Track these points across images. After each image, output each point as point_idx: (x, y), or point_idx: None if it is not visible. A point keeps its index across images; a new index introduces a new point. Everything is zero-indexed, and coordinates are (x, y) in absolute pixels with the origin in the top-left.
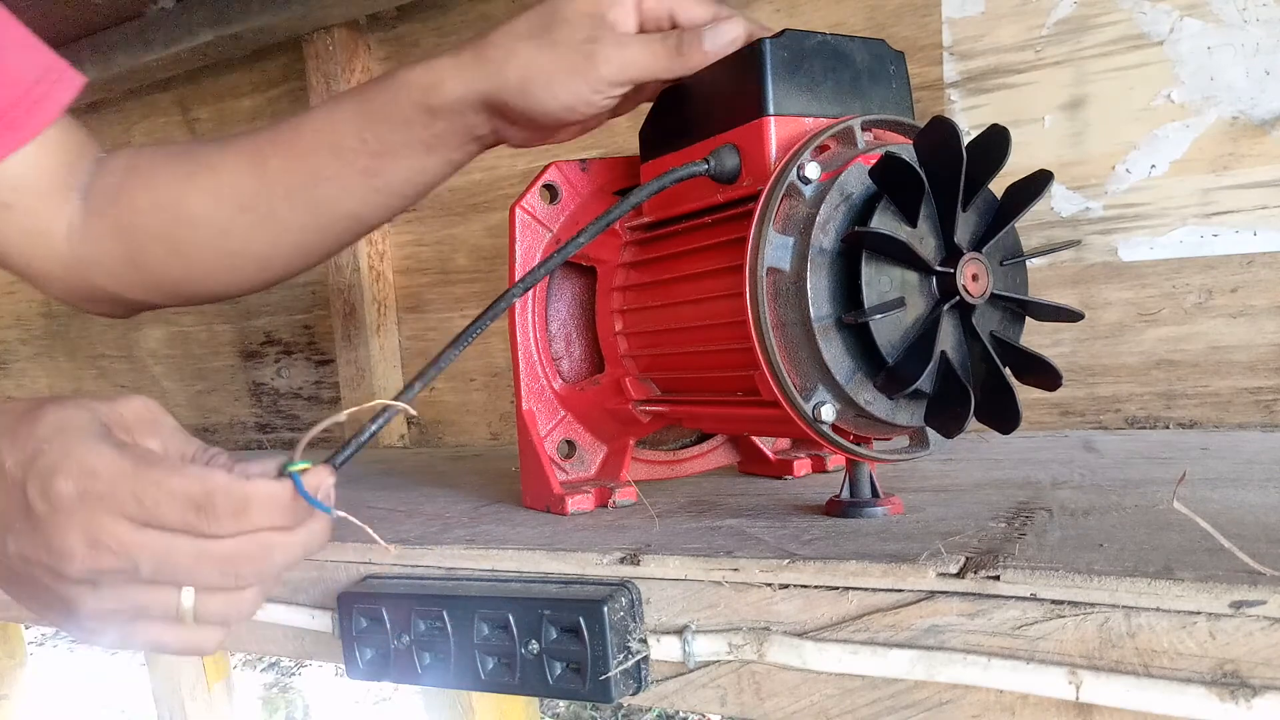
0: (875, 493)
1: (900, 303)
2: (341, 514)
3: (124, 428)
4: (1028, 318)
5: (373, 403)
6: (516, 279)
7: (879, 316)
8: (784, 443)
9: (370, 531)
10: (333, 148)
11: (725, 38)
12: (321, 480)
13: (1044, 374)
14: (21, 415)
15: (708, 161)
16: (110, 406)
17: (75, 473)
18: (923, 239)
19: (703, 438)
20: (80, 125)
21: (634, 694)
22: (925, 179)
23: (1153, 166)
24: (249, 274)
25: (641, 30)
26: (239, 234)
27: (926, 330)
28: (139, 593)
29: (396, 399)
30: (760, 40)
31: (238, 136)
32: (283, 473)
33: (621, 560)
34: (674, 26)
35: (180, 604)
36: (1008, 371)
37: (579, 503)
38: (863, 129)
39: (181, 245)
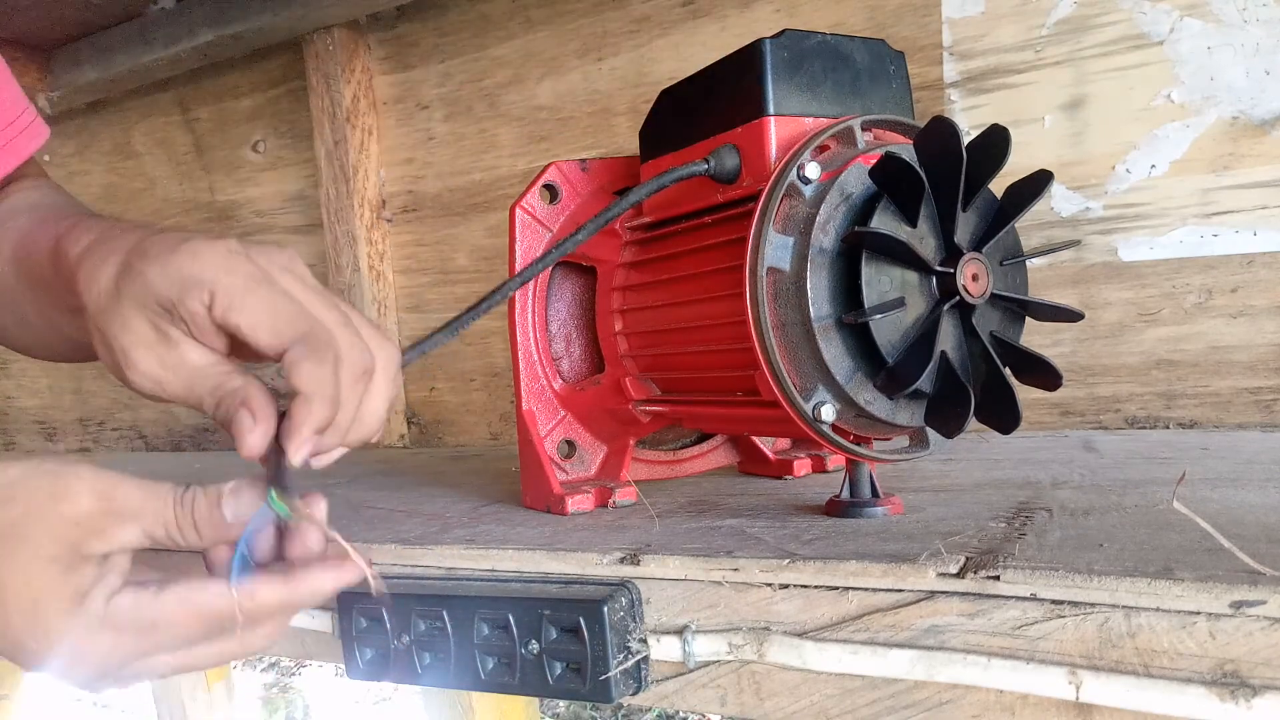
0: (875, 493)
1: (900, 303)
2: (350, 547)
3: (90, 534)
4: (1028, 318)
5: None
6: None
7: (879, 316)
8: (784, 443)
9: (371, 577)
10: (52, 301)
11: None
12: (317, 506)
13: (1044, 374)
14: None
15: (708, 161)
16: (60, 524)
17: (81, 671)
18: (923, 239)
19: (703, 438)
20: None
21: (634, 694)
22: (925, 179)
23: (1153, 166)
24: (35, 353)
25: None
26: (15, 334)
27: (926, 330)
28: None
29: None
30: (760, 40)
31: (21, 228)
32: (271, 505)
33: (621, 560)
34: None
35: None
36: (1008, 371)
37: (579, 503)
38: (863, 129)
39: None
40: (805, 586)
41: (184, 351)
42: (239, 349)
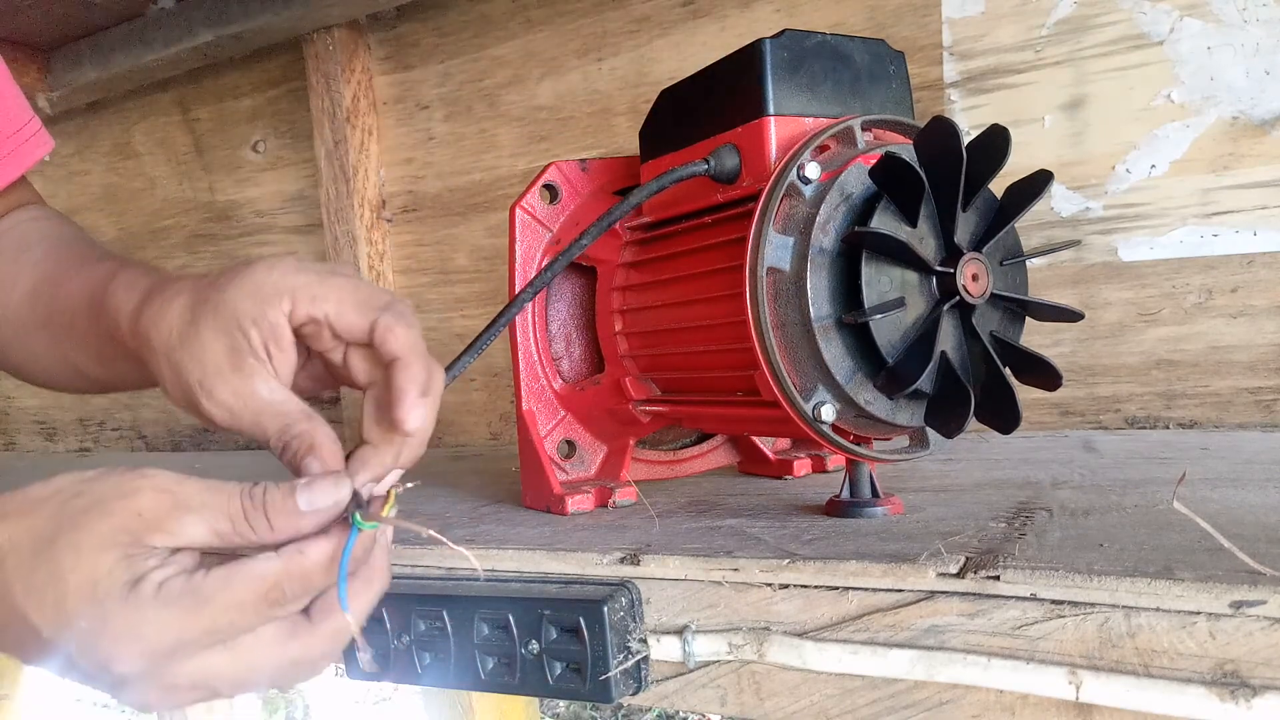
0: (875, 493)
1: (900, 303)
2: (431, 534)
3: (154, 529)
4: (1028, 318)
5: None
6: (516, 279)
7: (879, 316)
8: (784, 443)
9: (465, 553)
10: (76, 343)
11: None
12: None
13: (1044, 374)
14: (33, 562)
15: (708, 161)
16: (125, 518)
17: (133, 656)
18: (923, 239)
19: (703, 438)
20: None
21: (634, 694)
22: (925, 179)
23: (1153, 166)
24: (41, 383)
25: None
26: (21, 363)
27: (926, 330)
28: (215, 699)
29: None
30: (760, 40)
31: (48, 258)
32: (351, 522)
33: (621, 560)
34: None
35: None
36: (1008, 371)
37: (579, 503)
38: (863, 129)
39: None
40: (805, 586)
41: (256, 384)
42: (314, 372)
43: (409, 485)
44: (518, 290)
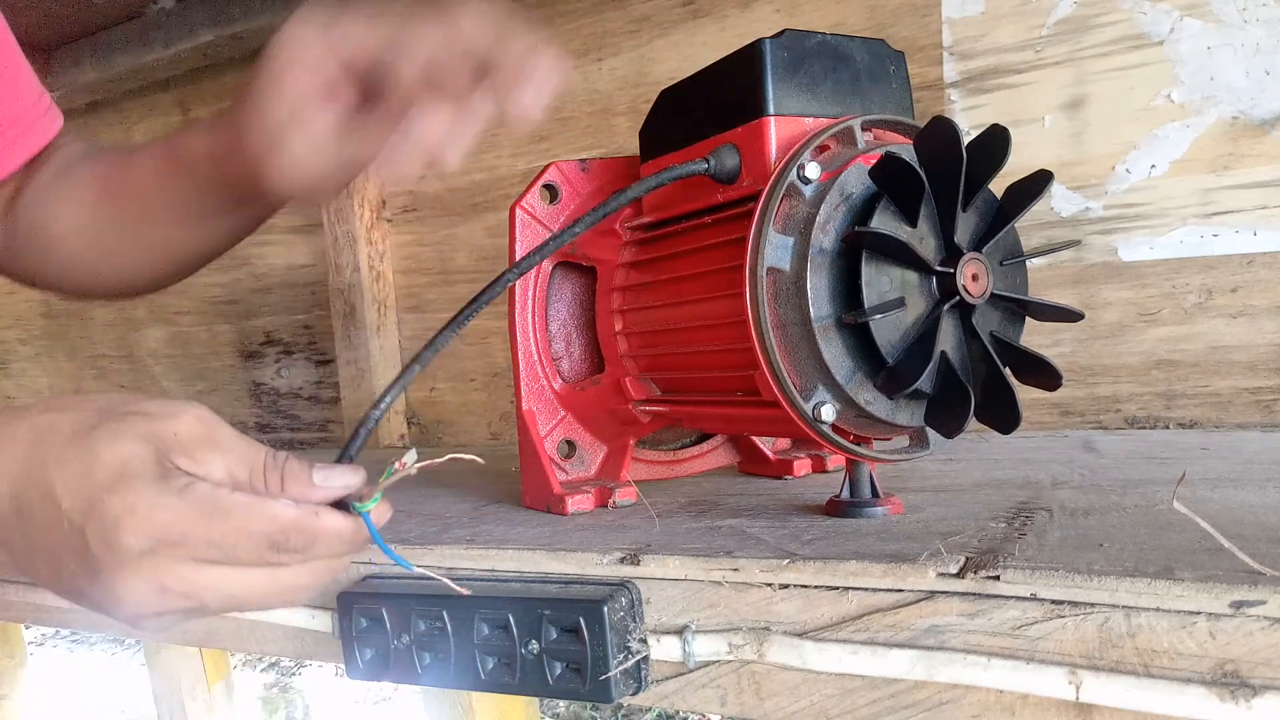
0: (875, 493)
1: (900, 303)
2: (422, 569)
3: (183, 451)
4: (1028, 318)
5: (445, 458)
6: (516, 280)
7: (879, 316)
8: (784, 443)
9: (449, 583)
10: (163, 202)
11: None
12: (381, 515)
13: (1044, 374)
14: (72, 440)
15: (708, 160)
16: (164, 428)
17: (141, 528)
18: (923, 239)
19: (703, 438)
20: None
21: (634, 694)
22: (925, 179)
23: (1153, 166)
24: (110, 288)
25: None
26: (93, 259)
27: (926, 330)
28: (199, 615)
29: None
30: (760, 40)
31: (101, 161)
32: (350, 509)
33: (621, 560)
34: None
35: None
36: (1008, 371)
37: (579, 503)
38: (863, 129)
39: (50, 259)
40: (805, 586)
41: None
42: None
43: (415, 468)
44: (517, 292)
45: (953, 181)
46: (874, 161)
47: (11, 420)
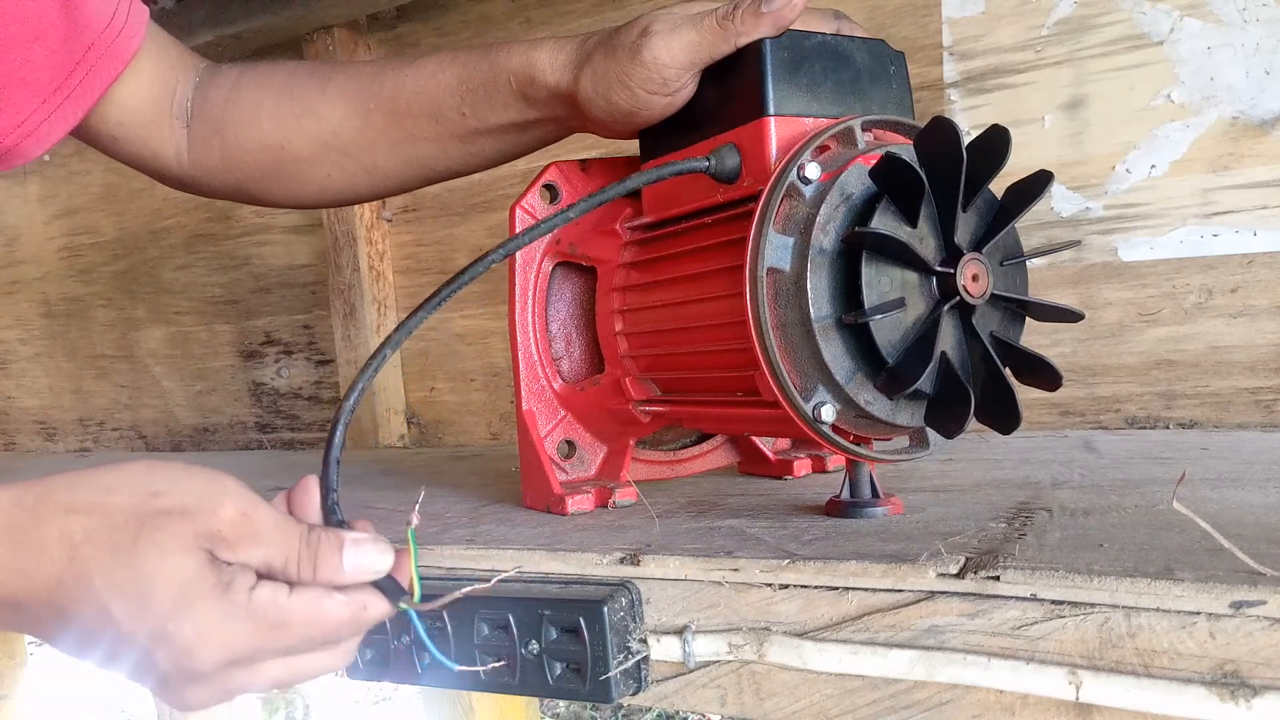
0: (875, 493)
1: (900, 303)
2: (461, 668)
3: (227, 546)
4: (1028, 318)
5: (491, 583)
6: (516, 279)
7: (879, 317)
8: (784, 443)
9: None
10: (432, 115)
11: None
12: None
13: (1044, 374)
14: (117, 558)
15: (708, 159)
16: (207, 526)
17: (215, 655)
18: (923, 239)
19: (703, 438)
20: (173, 42)
21: (634, 694)
22: (925, 179)
23: (1153, 166)
24: (355, 198)
25: None
26: (340, 176)
27: (926, 330)
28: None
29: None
30: (760, 40)
31: (338, 75)
32: (399, 606)
33: (621, 560)
34: None
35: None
36: (1008, 372)
37: (579, 503)
38: (863, 129)
39: (287, 181)
40: (805, 587)
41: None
42: None
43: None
44: (517, 292)
45: (953, 182)
46: (874, 162)
47: (30, 527)
